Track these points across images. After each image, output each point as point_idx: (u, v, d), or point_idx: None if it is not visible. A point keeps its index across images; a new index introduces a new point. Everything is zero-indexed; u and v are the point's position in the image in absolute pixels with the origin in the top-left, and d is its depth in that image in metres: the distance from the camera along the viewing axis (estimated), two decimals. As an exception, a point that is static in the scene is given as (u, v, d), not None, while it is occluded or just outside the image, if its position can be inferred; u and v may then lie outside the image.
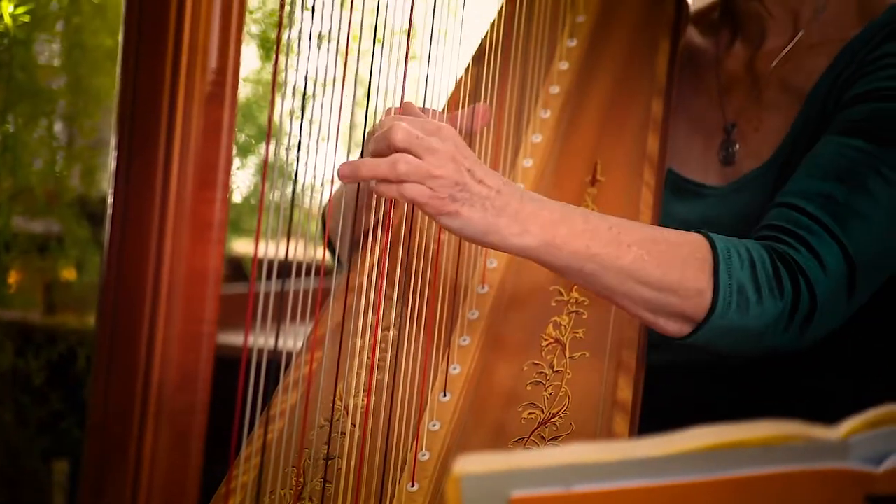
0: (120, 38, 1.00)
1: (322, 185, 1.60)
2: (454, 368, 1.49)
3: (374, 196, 1.48)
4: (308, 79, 1.34)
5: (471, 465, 0.77)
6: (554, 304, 1.51)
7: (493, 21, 1.72)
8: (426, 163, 1.36)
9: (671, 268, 1.41)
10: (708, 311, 1.42)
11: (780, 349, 1.46)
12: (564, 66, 1.75)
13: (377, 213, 1.54)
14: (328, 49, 1.52)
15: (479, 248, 1.58)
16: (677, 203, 1.68)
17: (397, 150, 1.37)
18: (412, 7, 1.46)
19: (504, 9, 1.74)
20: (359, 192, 1.51)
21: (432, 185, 1.36)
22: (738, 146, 1.70)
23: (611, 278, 1.41)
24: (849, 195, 1.48)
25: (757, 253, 1.44)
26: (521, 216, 1.39)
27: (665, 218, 1.61)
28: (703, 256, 1.43)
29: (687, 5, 1.83)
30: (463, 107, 1.59)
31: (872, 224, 1.48)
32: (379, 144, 1.38)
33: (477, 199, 1.38)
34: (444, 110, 1.62)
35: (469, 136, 1.57)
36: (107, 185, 1.03)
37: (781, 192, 1.53)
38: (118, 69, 1.00)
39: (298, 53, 1.35)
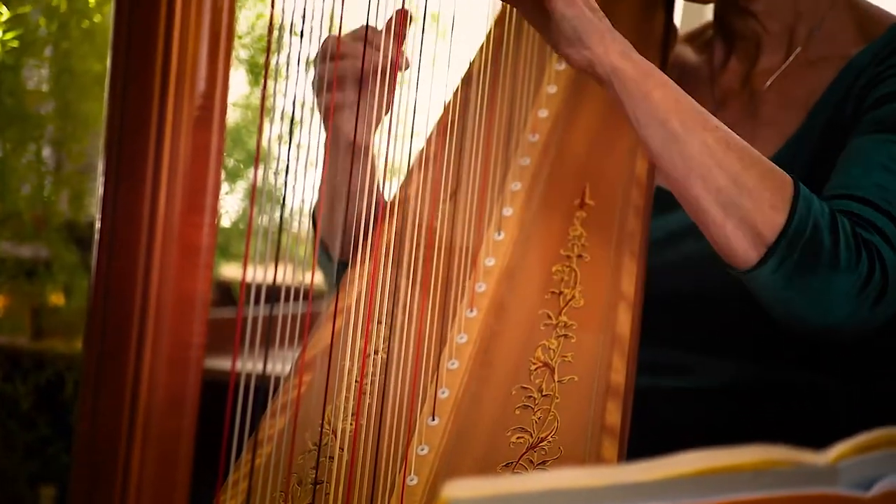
0: (108, 63, 1.00)
1: (310, 209, 1.60)
2: (443, 392, 1.49)
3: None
4: (296, 104, 1.34)
5: (459, 489, 0.77)
6: (542, 328, 1.51)
7: (482, 44, 1.72)
8: None
9: (751, 168, 1.40)
10: (779, 231, 1.39)
11: (848, 326, 1.42)
12: (553, 89, 1.75)
13: (365, 235, 1.54)
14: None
15: (468, 271, 1.57)
16: (666, 215, 1.68)
17: None
18: (400, 31, 1.47)
19: (492, 32, 1.74)
20: (349, 188, 1.51)
21: None
22: None
23: (693, 145, 1.39)
24: None
25: (840, 216, 1.42)
26: (626, 45, 1.42)
27: (654, 232, 1.61)
28: (785, 181, 1.41)
29: (675, 27, 1.83)
30: (451, 130, 1.60)
31: None
32: None
33: (590, 5, 1.41)
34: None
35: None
36: (95, 209, 1.03)
37: (829, 187, 1.50)
38: (106, 94, 1.00)
39: (286, 78, 1.35)
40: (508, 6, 1.74)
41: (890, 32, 1.64)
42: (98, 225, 0.99)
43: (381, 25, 1.54)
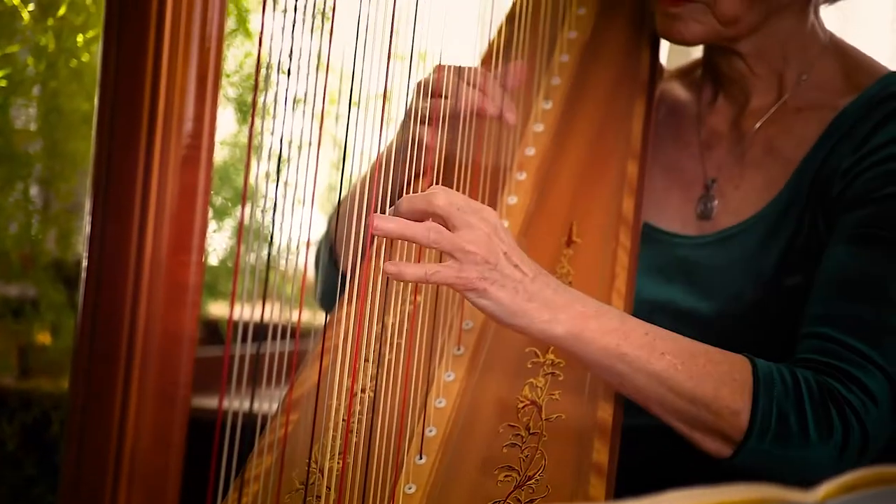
0: (95, 102, 1.00)
1: (298, 247, 1.60)
2: (430, 430, 1.49)
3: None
4: (284, 142, 1.35)
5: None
6: (530, 366, 1.51)
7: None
8: (459, 235, 1.37)
9: (704, 382, 1.42)
10: (745, 433, 1.42)
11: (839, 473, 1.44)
12: (539, 127, 1.76)
13: (353, 275, 1.55)
14: (304, 112, 1.53)
15: (455, 307, 1.58)
16: (651, 251, 1.68)
17: (435, 214, 1.38)
18: (388, 71, 1.48)
19: (480, 72, 1.75)
20: (362, 201, 1.51)
21: (462, 258, 1.37)
22: (716, 202, 1.71)
23: (642, 381, 1.42)
24: (877, 312, 1.48)
25: (805, 382, 1.44)
26: (552, 305, 1.40)
27: (640, 266, 1.62)
28: (743, 378, 1.43)
29: (661, 66, 1.84)
30: (439, 169, 1.60)
31: None
32: (416, 203, 1.39)
33: (508, 282, 1.38)
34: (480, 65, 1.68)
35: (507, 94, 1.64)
36: (82, 248, 1.03)
37: (808, 318, 1.52)
38: (93, 133, 1.00)
39: (274, 117, 1.35)
40: (495, 46, 1.75)
41: (878, 85, 1.65)
42: (85, 264, 0.99)
43: (371, 65, 1.54)
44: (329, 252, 1.76)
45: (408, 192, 1.60)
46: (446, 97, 1.60)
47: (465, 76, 1.62)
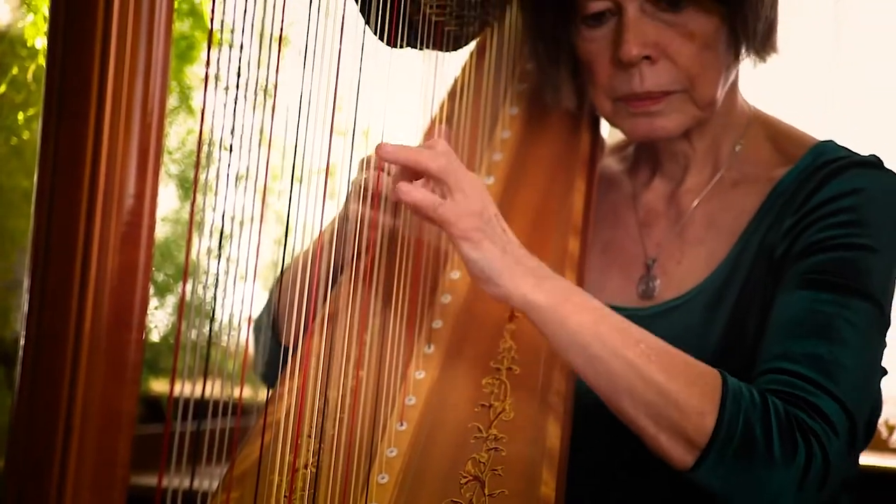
0: (35, 179, 1.00)
1: (240, 323, 1.59)
2: (373, 507, 1.48)
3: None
4: (226, 218, 1.35)
5: None
6: (473, 441, 1.51)
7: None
8: (456, 201, 1.42)
9: (675, 378, 1.42)
10: (710, 436, 1.42)
11: None
12: (490, 180, 1.77)
13: (295, 349, 1.54)
14: (246, 188, 1.53)
15: (398, 384, 1.57)
16: None
17: (429, 173, 1.43)
18: (330, 146, 1.48)
19: (423, 141, 1.76)
20: (306, 273, 1.51)
21: (460, 199, 1.42)
22: (658, 281, 1.72)
23: (615, 365, 1.42)
24: (831, 350, 1.50)
25: (773, 405, 1.45)
26: (537, 273, 1.45)
27: None
28: (712, 383, 1.44)
29: (603, 141, 1.86)
30: (380, 244, 1.60)
31: (855, 373, 1.51)
32: (417, 153, 1.44)
33: (499, 240, 1.44)
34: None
35: None
36: (20, 326, 1.02)
37: (763, 359, 1.53)
38: (32, 210, 1.00)
39: (216, 192, 1.35)
40: (437, 122, 1.76)
41: (810, 155, 1.68)
42: (23, 341, 0.98)
43: (313, 141, 1.55)
44: (271, 326, 1.75)
45: (350, 268, 1.60)
46: (387, 174, 1.61)
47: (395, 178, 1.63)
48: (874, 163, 1.65)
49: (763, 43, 1.68)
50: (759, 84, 1.77)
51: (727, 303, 1.65)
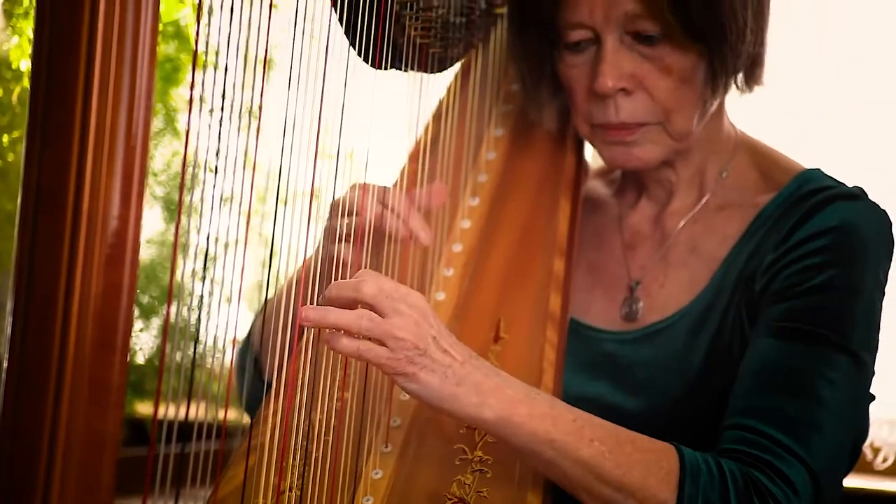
0: (19, 201, 1.00)
1: (224, 345, 1.59)
2: (358, 530, 1.47)
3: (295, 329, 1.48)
4: (211, 240, 1.35)
5: None
6: (458, 463, 1.51)
7: (396, 181, 1.74)
8: (389, 323, 1.38)
9: (632, 470, 1.42)
10: None
11: None
12: (466, 224, 1.77)
13: (279, 372, 1.54)
14: (231, 210, 1.53)
15: (383, 404, 1.57)
16: (577, 347, 1.69)
17: (364, 304, 1.39)
18: (315, 169, 1.48)
19: (406, 169, 1.76)
20: (288, 308, 1.51)
21: (392, 345, 1.38)
22: (641, 303, 1.72)
23: (569, 468, 1.42)
24: (802, 408, 1.50)
25: (730, 473, 1.45)
26: (481, 388, 1.41)
27: (567, 362, 1.62)
28: (669, 467, 1.44)
29: (587, 164, 1.87)
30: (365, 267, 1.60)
31: (827, 433, 1.50)
32: (345, 291, 1.40)
33: (438, 367, 1.40)
34: (399, 187, 1.69)
35: (427, 214, 1.66)
36: (3, 348, 1.02)
37: (731, 411, 1.53)
38: (16, 232, 1.00)
39: (201, 215, 1.35)
40: (422, 144, 1.77)
41: (795, 183, 1.68)
42: (6, 364, 0.98)
43: (298, 163, 1.55)
44: (253, 359, 1.75)
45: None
46: (359, 216, 1.61)
47: (379, 197, 1.63)
48: (858, 195, 1.65)
49: (747, 77, 1.69)
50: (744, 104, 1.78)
51: (710, 327, 1.65)
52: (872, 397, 1.68)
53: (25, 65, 2.40)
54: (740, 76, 1.68)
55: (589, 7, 1.64)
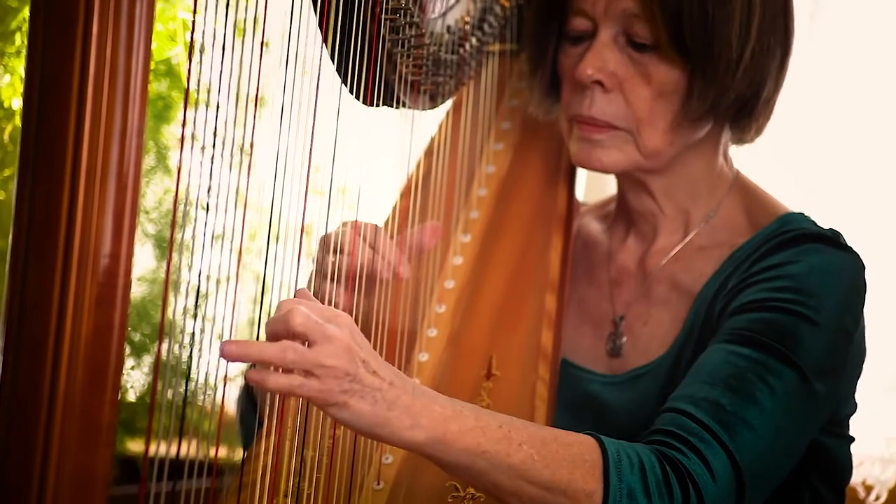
0: (9, 240, 1.00)
1: (216, 383, 1.59)
2: (350, 568, 1.47)
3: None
4: (203, 277, 1.34)
5: None
6: (450, 500, 1.51)
7: (387, 218, 1.75)
8: (318, 351, 1.32)
9: (560, 468, 1.41)
10: None
11: None
12: (459, 260, 1.78)
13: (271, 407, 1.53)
14: (223, 247, 1.53)
15: (374, 444, 1.57)
16: (563, 386, 1.69)
17: (295, 335, 1.34)
18: (306, 205, 1.49)
19: (398, 205, 1.77)
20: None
21: (322, 373, 1.32)
22: (625, 339, 1.73)
23: (500, 476, 1.40)
24: (737, 404, 1.51)
25: (647, 457, 1.45)
26: (412, 410, 1.37)
27: (557, 400, 1.62)
28: (593, 459, 1.43)
29: (577, 201, 1.87)
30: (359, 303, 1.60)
31: (759, 435, 1.50)
32: (276, 326, 1.34)
33: (368, 392, 1.35)
34: (391, 224, 1.69)
35: (421, 253, 1.66)
36: (-6, 387, 1.01)
37: (671, 397, 1.54)
38: (7, 271, 1.00)
39: (192, 252, 1.35)
40: (414, 180, 1.77)
41: (775, 223, 1.69)
42: (-3, 404, 0.98)
43: (290, 200, 1.55)
44: (249, 400, 1.74)
45: None
46: (343, 253, 1.60)
47: (370, 239, 1.62)
48: (830, 237, 1.66)
49: (736, 122, 1.70)
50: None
51: (684, 366, 1.65)
52: (851, 439, 1.68)
53: (17, 103, 2.40)
54: (724, 113, 1.68)
55: None
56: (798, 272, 1.60)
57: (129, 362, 2.70)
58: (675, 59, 1.64)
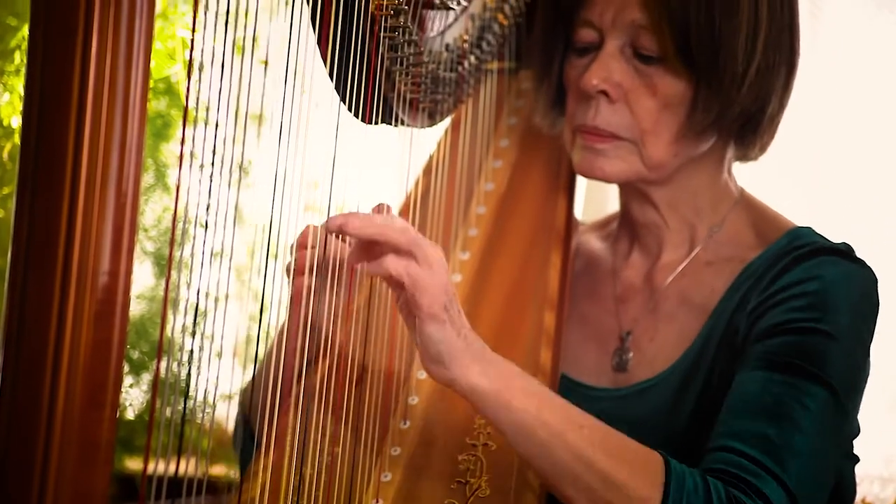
0: (8, 258, 1.00)
1: (215, 400, 1.58)
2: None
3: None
4: (202, 294, 1.34)
5: None
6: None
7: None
8: (423, 272, 1.38)
9: (619, 463, 1.43)
10: None
11: None
12: (458, 278, 1.78)
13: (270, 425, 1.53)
14: (221, 265, 1.53)
15: (374, 461, 1.56)
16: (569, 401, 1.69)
17: (401, 247, 1.38)
18: (304, 222, 1.49)
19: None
20: (275, 371, 1.50)
21: (430, 274, 1.38)
22: (632, 354, 1.73)
23: (558, 450, 1.41)
24: (782, 433, 1.51)
25: (714, 487, 1.45)
26: (483, 358, 1.42)
27: None
28: (655, 469, 1.44)
29: (576, 220, 1.87)
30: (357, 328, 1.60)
31: (805, 457, 1.51)
32: (387, 229, 1.37)
33: (456, 322, 1.41)
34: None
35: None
36: (-8, 405, 1.01)
37: (716, 434, 1.54)
38: (6, 288, 1.00)
39: (191, 269, 1.35)
40: (413, 198, 1.77)
41: (785, 238, 1.69)
42: (-5, 421, 0.98)
43: (288, 218, 1.54)
44: (245, 426, 1.74)
45: (326, 347, 1.59)
46: (312, 247, 1.58)
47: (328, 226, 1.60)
48: (844, 251, 1.66)
49: (741, 137, 1.70)
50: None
51: (697, 383, 1.65)
52: (856, 458, 1.68)
53: (17, 121, 2.41)
54: (729, 127, 1.68)
55: (602, 7, 1.67)
56: (817, 289, 1.61)
57: (127, 380, 2.70)
58: (681, 70, 1.64)
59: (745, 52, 1.64)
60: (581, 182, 1.91)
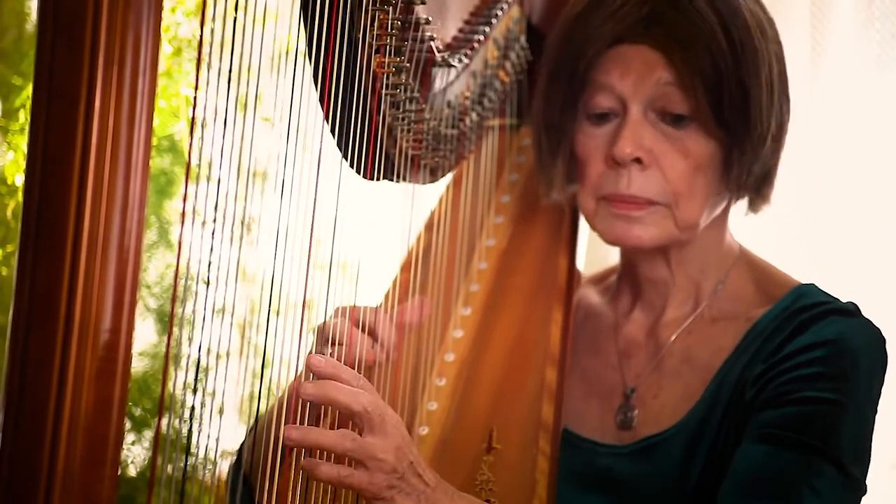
0: (10, 315, 1.00)
1: (216, 457, 1.58)
2: None
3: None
4: (205, 351, 1.34)
5: None
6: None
7: (388, 292, 1.75)
8: (372, 443, 1.38)
9: None
10: None
11: None
12: (459, 333, 1.78)
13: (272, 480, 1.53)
14: (223, 321, 1.53)
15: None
16: (571, 458, 1.68)
17: (353, 415, 1.38)
18: (307, 279, 1.49)
19: (398, 279, 1.77)
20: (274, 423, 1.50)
21: (373, 466, 1.38)
22: (636, 411, 1.71)
23: None
24: None
25: None
26: None
27: (561, 472, 1.61)
28: None
29: (578, 273, 1.87)
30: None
31: None
32: (341, 397, 1.38)
33: (413, 491, 1.41)
34: (390, 299, 1.68)
35: (409, 330, 1.66)
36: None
37: None
38: (7, 347, 1.00)
39: (193, 325, 1.35)
40: (415, 254, 1.78)
41: (790, 297, 1.68)
42: (-6, 481, 0.98)
43: (291, 274, 1.55)
44: (244, 482, 1.73)
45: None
46: (340, 344, 1.60)
47: (363, 324, 1.61)
48: (851, 311, 1.65)
49: (757, 187, 1.70)
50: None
51: (706, 442, 1.64)
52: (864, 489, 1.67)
53: (20, 180, 2.42)
54: (751, 183, 1.68)
55: (621, 70, 1.66)
56: (826, 355, 1.60)
57: (129, 437, 2.69)
58: (712, 129, 1.64)
59: (768, 108, 1.64)
60: (582, 236, 1.91)
